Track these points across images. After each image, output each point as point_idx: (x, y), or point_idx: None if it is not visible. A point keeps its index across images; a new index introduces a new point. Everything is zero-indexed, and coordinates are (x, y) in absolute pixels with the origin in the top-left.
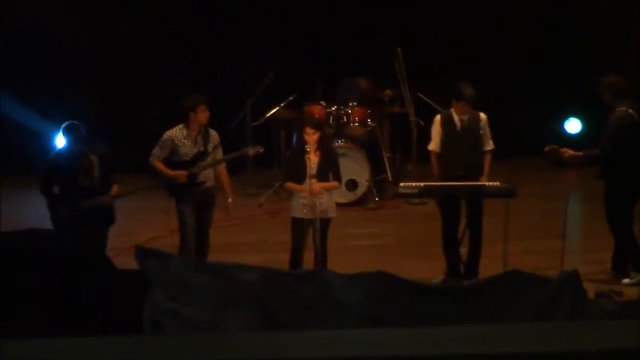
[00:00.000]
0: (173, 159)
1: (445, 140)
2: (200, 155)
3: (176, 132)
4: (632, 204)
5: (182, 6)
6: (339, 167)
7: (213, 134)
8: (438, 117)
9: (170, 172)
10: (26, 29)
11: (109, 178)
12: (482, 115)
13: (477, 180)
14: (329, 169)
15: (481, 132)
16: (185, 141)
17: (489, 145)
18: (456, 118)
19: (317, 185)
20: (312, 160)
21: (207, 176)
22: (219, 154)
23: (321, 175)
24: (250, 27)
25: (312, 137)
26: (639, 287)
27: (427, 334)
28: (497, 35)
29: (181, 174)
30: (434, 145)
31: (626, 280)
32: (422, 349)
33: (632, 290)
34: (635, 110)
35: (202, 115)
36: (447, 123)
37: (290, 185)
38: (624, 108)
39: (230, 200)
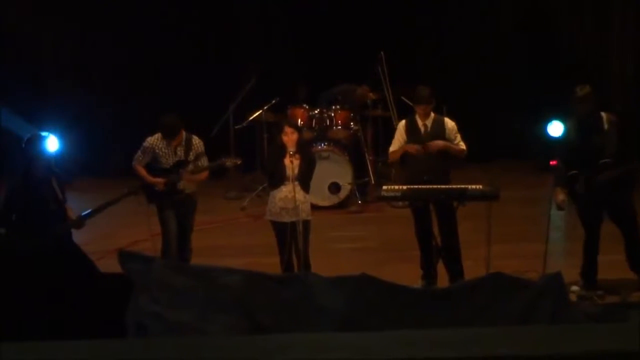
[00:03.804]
0: (155, 166)
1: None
2: (180, 164)
3: (157, 140)
4: None
5: (167, 10)
6: (313, 173)
7: (196, 142)
8: (402, 122)
9: (150, 179)
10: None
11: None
12: (448, 121)
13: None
14: (309, 172)
15: (447, 138)
16: (166, 150)
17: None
18: (420, 123)
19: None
20: (294, 162)
21: (186, 185)
22: (203, 162)
23: (302, 178)
24: (233, 30)
25: (290, 137)
26: (624, 291)
27: (410, 337)
28: (479, 38)
29: (159, 181)
30: (393, 149)
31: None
32: (405, 352)
33: (614, 294)
34: None
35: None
36: (411, 128)
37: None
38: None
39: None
